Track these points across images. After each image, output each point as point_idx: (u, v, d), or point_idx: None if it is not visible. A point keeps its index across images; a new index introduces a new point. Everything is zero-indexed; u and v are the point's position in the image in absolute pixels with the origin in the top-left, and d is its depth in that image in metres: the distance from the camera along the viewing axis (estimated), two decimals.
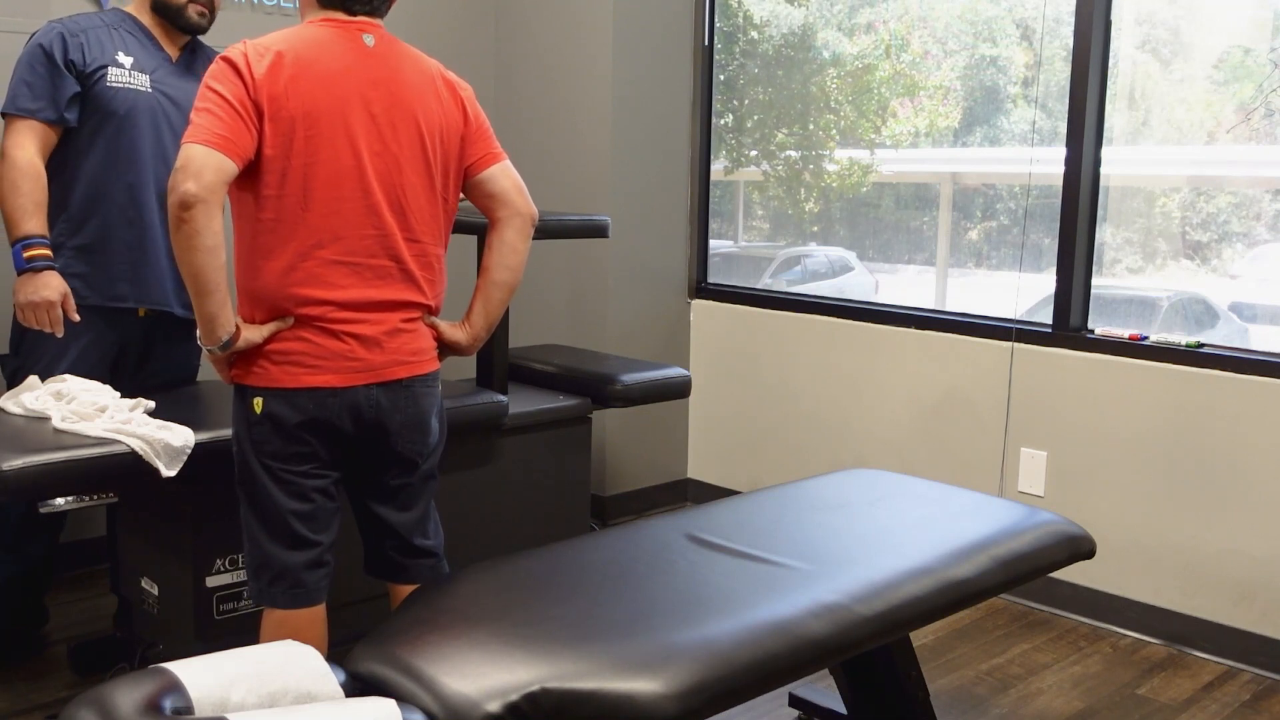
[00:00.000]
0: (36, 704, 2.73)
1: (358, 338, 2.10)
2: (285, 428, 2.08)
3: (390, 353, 2.13)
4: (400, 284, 2.14)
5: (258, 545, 2.14)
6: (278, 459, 2.10)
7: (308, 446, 2.10)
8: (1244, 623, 3.09)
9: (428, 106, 2.17)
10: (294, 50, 2.05)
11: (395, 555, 2.28)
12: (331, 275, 2.07)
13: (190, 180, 1.91)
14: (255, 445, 2.10)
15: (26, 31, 3.25)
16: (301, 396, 2.07)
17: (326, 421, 2.09)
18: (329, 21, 2.12)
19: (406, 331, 2.16)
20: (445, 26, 4.23)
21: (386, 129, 2.11)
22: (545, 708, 1.60)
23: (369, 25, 2.15)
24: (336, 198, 2.06)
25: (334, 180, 2.06)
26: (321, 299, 2.07)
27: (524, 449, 3.22)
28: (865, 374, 3.84)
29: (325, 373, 2.08)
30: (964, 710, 2.83)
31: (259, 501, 2.12)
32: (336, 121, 2.05)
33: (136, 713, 1.40)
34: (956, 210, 3.83)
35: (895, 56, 3.90)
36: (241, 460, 2.14)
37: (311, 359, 2.07)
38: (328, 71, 2.05)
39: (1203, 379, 3.11)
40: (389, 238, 2.12)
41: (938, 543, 2.21)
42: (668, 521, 2.30)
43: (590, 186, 4.11)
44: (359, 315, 2.10)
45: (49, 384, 2.62)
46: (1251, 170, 3.19)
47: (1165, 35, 3.34)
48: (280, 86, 2.01)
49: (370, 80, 2.10)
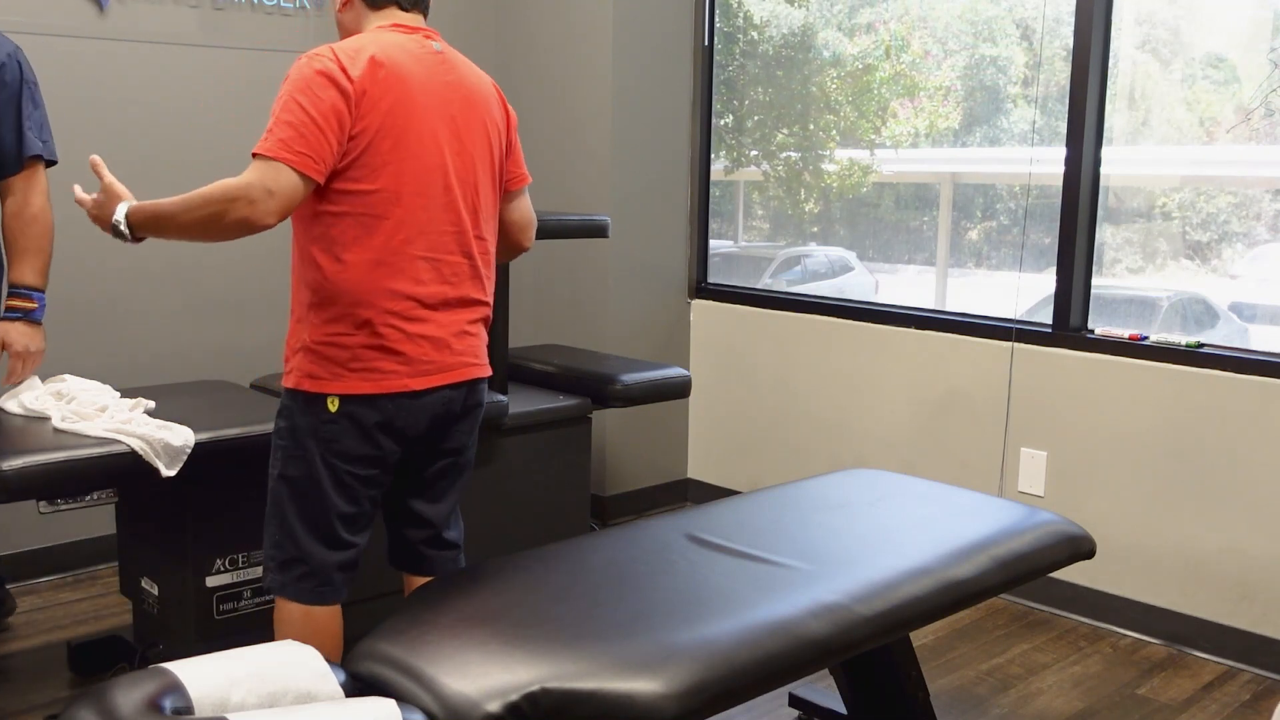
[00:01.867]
0: (36, 704, 2.73)
1: (429, 339, 2.12)
2: (363, 427, 2.08)
3: (459, 354, 2.17)
4: (470, 281, 2.19)
5: (293, 541, 2.12)
6: (346, 459, 2.09)
7: (379, 449, 2.11)
8: (1244, 623, 3.09)
9: (490, 112, 2.25)
10: (383, 51, 2.07)
11: (424, 548, 2.30)
12: (417, 269, 2.09)
13: (273, 215, 1.94)
14: (325, 444, 2.08)
15: (26, 31, 3.25)
16: (382, 399, 2.08)
17: (403, 422, 2.11)
18: (397, 27, 2.16)
19: (470, 335, 2.21)
20: (445, 26, 4.23)
21: (464, 129, 2.16)
22: (545, 708, 1.60)
23: (431, 32, 2.20)
24: (424, 193, 2.10)
25: (423, 175, 2.09)
26: (407, 293, 2.08)
27: (524, 449, 3.22)
28: (865, 374, 3.84)
29: (404, 376, 2.09)
30: (964, 710, 2.83)
31: (308, 500, 2.11)
32: (424, 119, 2.09)
33: (136, 713, 1.40)
34: (956, 210, 3.83)
35: (895, 57, 3.90)
36: (301, 457, 2.10)
37: (390, 363, 2.08)
38: (412, 73, 2.09)
39: (1203, 379, 3.11)
40: (464, 235, 2.16)
41: (938, 543, 2.21)
42: (668, 521, 2.30)
43: (590, 186, 4.11)
44: (433, 314, 2.12)
45: (49, 384, 2.62)
46: (1251, 170, 3.19)
47: (1165, 35, 3.34)
48: (378, 86, 2.03)
49: (445, 83, 2.15)
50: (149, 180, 3.51)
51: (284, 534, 2.13)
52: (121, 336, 3.54)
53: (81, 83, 3.38)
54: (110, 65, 3.43)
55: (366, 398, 2.07)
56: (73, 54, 3.35)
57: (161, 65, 3.52)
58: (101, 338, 3.50)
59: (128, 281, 3.53)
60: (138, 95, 3.49)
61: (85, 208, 2.11)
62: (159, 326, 3.60)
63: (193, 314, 3.68)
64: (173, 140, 3.56)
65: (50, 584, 3.46)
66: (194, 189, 1.97)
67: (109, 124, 3.45)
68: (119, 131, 3.47)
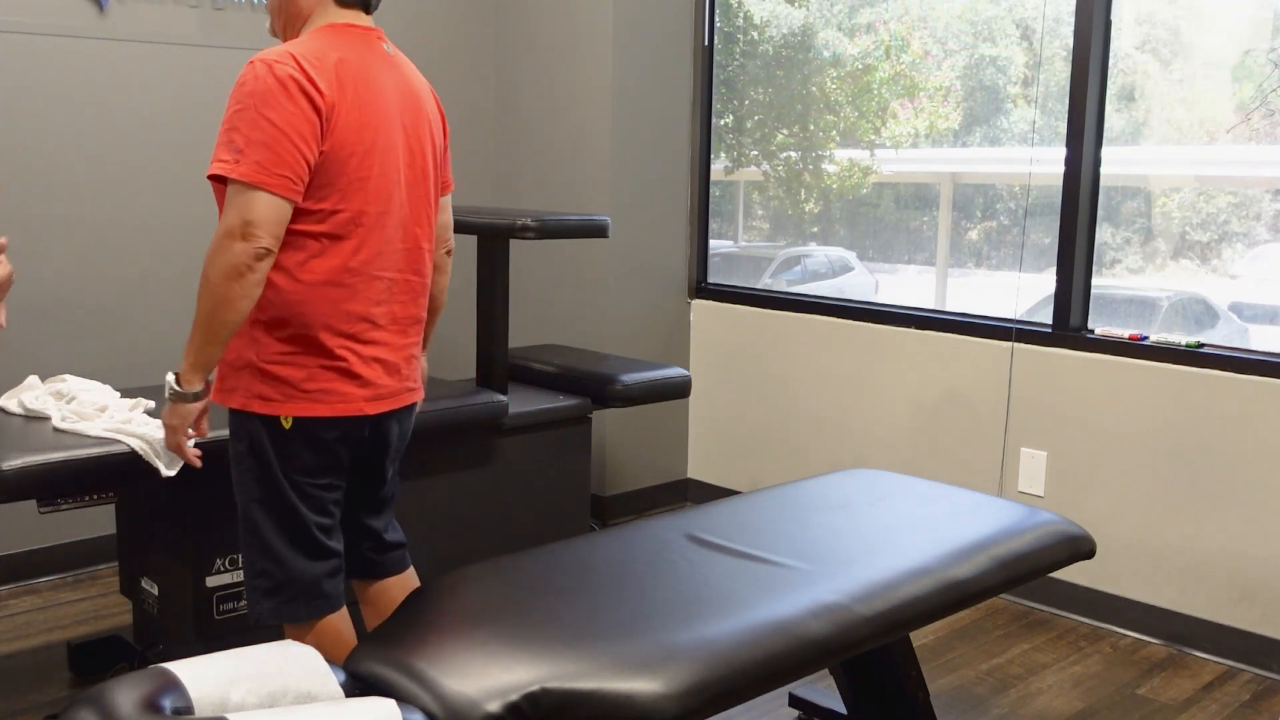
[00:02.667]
0: (36, 704, 2.73)
1: (381, 362, 2.09)
2: (319, 441, 2.04)
3: (405, 379, 2.16)
4: (417, 299, 2.16)
5: (277, 561, 2.07)
6: (306, 473, 2.06)
7: (336, 457, 2.09)
8: (1244, 623, 3.09)
9: (432, 118, 2.18)
10: (346, 62, 1.97)
11: (371, 554, 2.30)
12: (374, 289, 2.04)
13: (266, 238, 1.87)
14: (284, 461, 2.04)
15: (26, 31, 3.25)
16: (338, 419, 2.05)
17: (356, 439, 2.10)
18: (353, 28, 2.04)
19: (414, 359, 2.20)
20: (445, 26, 4.23)
21: (413, 138, 2.10)
22: (545, 708, 1.60)
23: (380, 33, 2.11)
24: (385, 211, 2.04)
25: (384, 193, 2.03)
26: (362, 314, 2.03)
27: (524, 449, 3.22)
28: (865, 374, 3.84)
29: (359, 401, 2.06)
30: (964, 710, 2.83)
31: (284, 518, 2.06)
32: (387, 134, 2.02)
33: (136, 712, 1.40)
34: (956, 210, 3.83)
35: (895, 57, 3.90)
36: (263, 478, 2.05)
37: (347, 386, 2.04)
38: (376, 86, 2.01)
39: (1203, 379, 3.11)
40: (414, 251, 2.12)
41: (938, 543, 2.21)
42: (668, 521, 2.30)
43: (590, 186, 4.11)
44: (385, 334, 2.08)
45: (49, 383, 2.62)
46: (1251, 170, 3.19)
47: (1165, 35, 3.34)
48: (345, 101, 1.94)
49: (399, 90, 2.07)
50: (149, 180, 3.51)
51: (266, 557, 2.07)
52: (121, 336, 3.54)
53: (81, 83, 3.38)
54: (110, 65, 3.43)
55: (321, 419, 2.03)
56: (73, 54, 3.35)
57: (161, 65, 3.52)
58: (101, 338, 3.50)
59: (128, 282, 3.53)
60: (138, 95, 3.49)
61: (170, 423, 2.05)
62: (159, 327, 3.60)
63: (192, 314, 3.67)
64: (173, 140, 3.56)
65: (50, 584, 3.46)
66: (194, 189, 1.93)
67: (109, 124, 3.45)
68: (119, 131, 3.47)
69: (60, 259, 3.40)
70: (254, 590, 2.10)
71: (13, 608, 3.28)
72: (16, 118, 3.29)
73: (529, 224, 2.97)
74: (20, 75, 3.27)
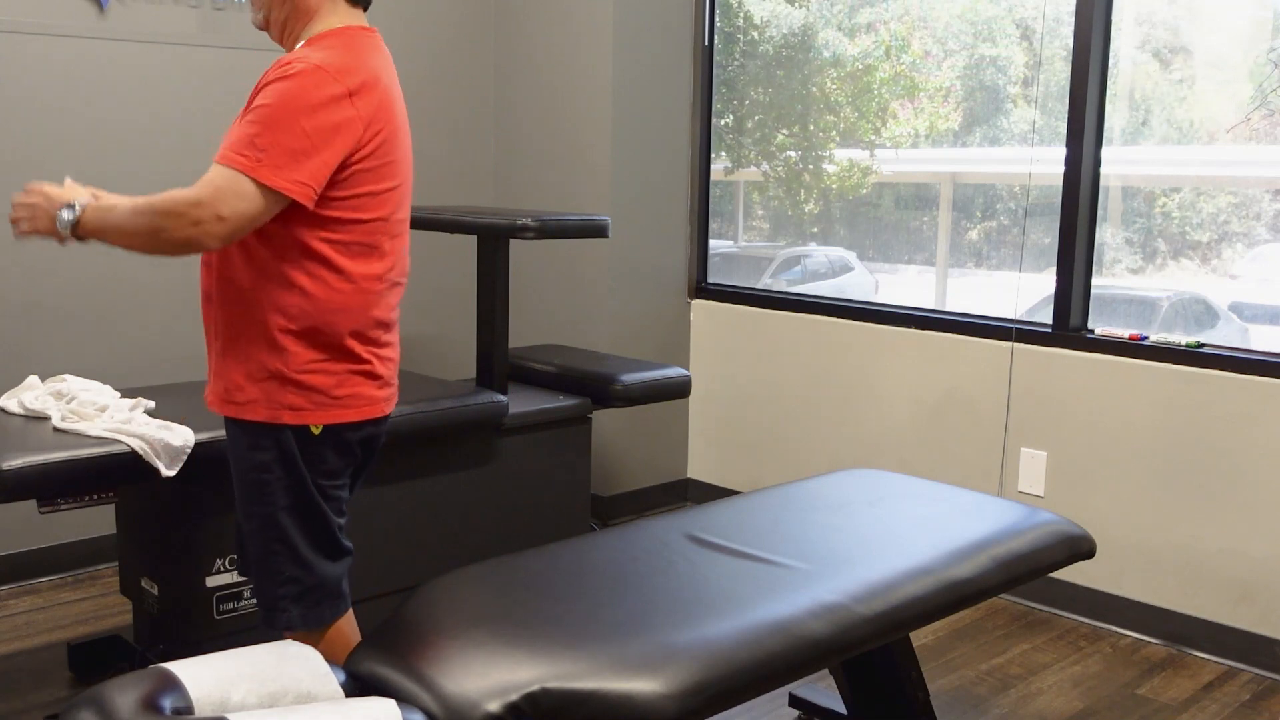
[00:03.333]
0: (36, 704, 2.73)
1: (393, 362, 2.12)
2: (344, 444, 2.05)
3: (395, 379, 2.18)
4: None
5: (308, 568, 2.05)
6: (329, 476, 2.05)
7: (355, 458, 2.10)
8: (1244, 623, 3.09)
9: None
10: (373, 71, 1.96)
11: None
12: (390, 295, 2.08)
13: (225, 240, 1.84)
14: (313, 466, 2.02)
15: (26, 31, 3.25)
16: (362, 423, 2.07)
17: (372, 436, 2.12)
18: (367, 32, 2.03)
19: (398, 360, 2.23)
20: (445, 27, 4.23)
21: (407, 140, 2.11)
22: (545, 708, 1.60)
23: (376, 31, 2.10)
24: (404, 218, 2.08)
25: (404, 199, 2.07)
26: (381, 319, 2.06)
27: (524, 449, 3.22)
28: (865, 374, 3.84)
29: (380, 402, 2.09)
30: (964, 710, 2.83)
31: (315, 522, 2.05)
32: (404, 140, 2.06)
33: (136, 713, 1.40)
34: (956, 210, 3.83)
35: (895, 57, 3.90)
36: (291, 486, 2.01)
37: (371, 388, 2.05)
38: (394, 92, 2.03)
39: (1203, 379, 3.11)
40: (408, 253, 2.16)
41: (938, 543, 2.21)
42: (667, 521, 2.30)
43: (590, 186, 4.11)
44: (390, 336, 2.11)
45: (49, 383, 2.62)
46: (1251, 170, 3.19)
47: (1165, 35, 3.34)
48: (379, 115, 1.95)
49: (399, 95, 2.08)
50: (149, 180, 3.51)
51: (296, 564, 2.04)
52: (121, 336, 3.54)
53: (81, 83, 3.38)
54: (110, 65, 3.43)
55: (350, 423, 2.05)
56: (73, 54, 3.35)
57: (161, 65, 3.52)
58: (101, 338, 3.50)
59: (128, 282, 3.53)
60: (138, 95, 3.49)
61: (19, 200, 1.92)
62: (159, 326, 3.60)
63: (193, 314, 3.67)
64: (172, 140, 3.56)
65: (50, 584, 3.46)
66: None
67: (109, 124, 3.45)
68: (119, 131, 3.47)
69: (60, 259, 3.40)
70: (282, 599, 2.06)
71: (13, 608, 3.28)
72: (16, 118, 3.29)
73: (529, 224, 2.97)
74: (20, 75, 3.27)
